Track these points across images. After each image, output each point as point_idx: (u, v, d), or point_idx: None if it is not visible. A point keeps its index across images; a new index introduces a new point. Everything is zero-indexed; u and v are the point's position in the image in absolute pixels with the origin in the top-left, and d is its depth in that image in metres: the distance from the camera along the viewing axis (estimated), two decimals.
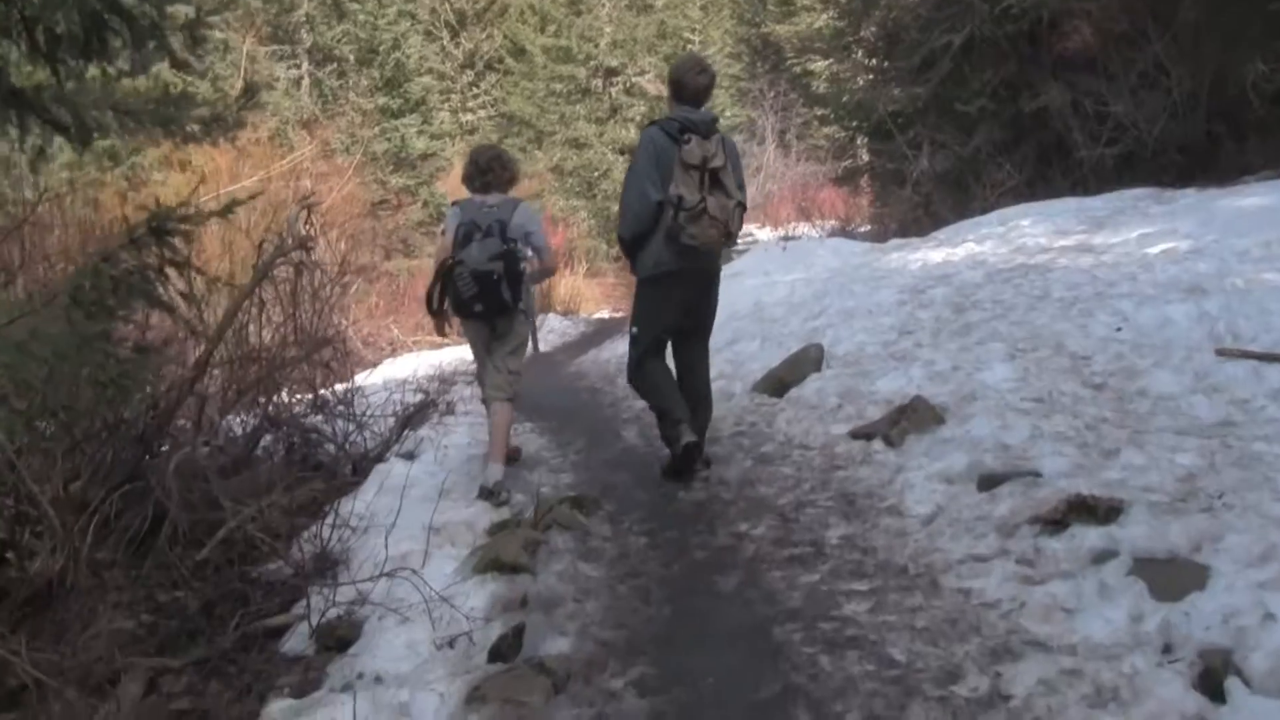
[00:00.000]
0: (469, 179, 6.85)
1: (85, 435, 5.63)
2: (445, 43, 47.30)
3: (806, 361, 8.25)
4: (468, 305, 6.50)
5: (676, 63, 6.69)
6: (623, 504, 6.12)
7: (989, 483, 5.15)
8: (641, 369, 6.68)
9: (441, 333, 7.05)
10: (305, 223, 7.07)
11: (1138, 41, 14.12)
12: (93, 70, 5.92)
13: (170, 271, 4.87)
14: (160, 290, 4.27)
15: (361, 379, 13.43)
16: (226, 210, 4.73)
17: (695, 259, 6.31)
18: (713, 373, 7.54)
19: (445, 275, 6.52)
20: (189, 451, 5.41)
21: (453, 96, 46.94)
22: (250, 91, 6.58)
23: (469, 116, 47.19)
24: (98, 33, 4.35)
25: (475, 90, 47.82)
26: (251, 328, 7.10)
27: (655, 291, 6.56)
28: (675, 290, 6.47)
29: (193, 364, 6.38)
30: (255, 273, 6.52)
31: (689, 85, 6.40)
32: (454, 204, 6.89)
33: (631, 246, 6.51)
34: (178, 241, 4.21)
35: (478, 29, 48.05)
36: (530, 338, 7.26)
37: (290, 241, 6.55)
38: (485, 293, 6.44)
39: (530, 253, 6.79)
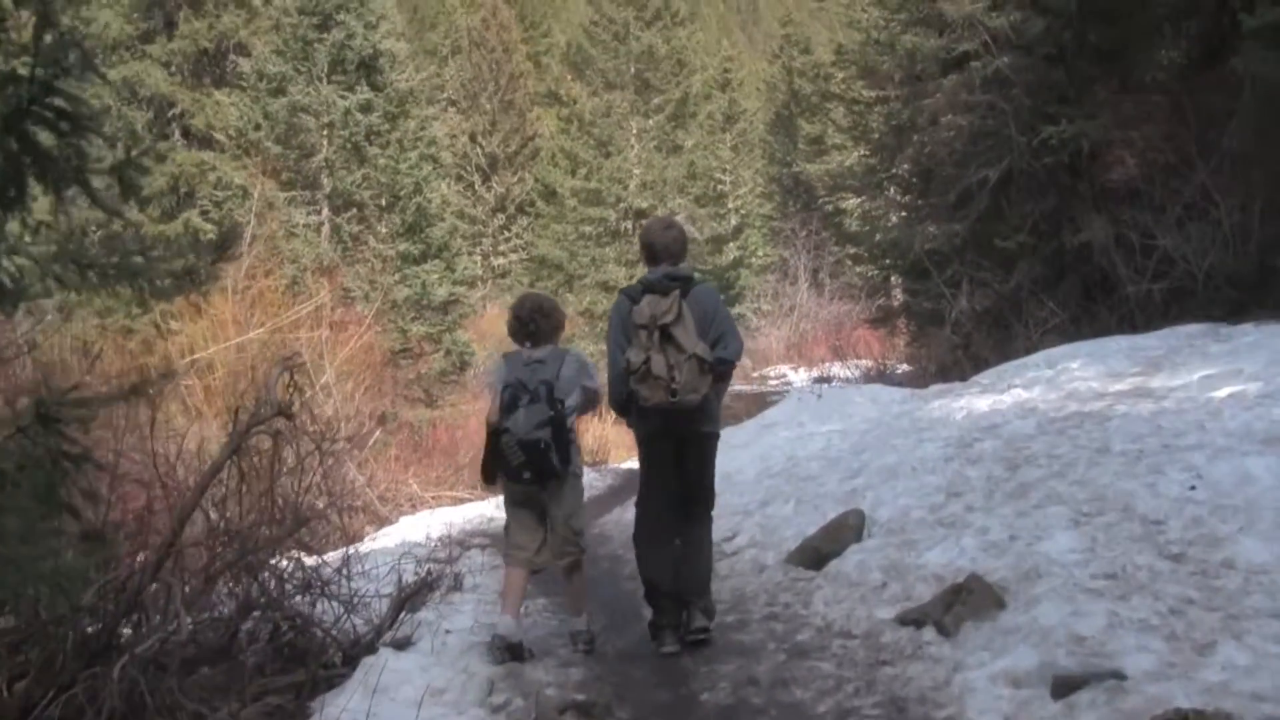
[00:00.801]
0: (513, 333, 6.75)
1: (34, 629, 5.07)
2: (477, 186, 47.53)
3: (845, 529, 7.49)
4: (516, 473, 6.42)
5: (645, 225, 6.86)
6: (639, 708, 5.36)
7: (1065, 687, 4.36)
8: (639, 532, 6.73)
9: (491, 482, 6.88)
10: (289, 385, 6.40)
11: (1183, 171, 13.62)
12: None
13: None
14: (60, 488, 3.62)
15: (371, 540, 12.82)
16: (133, 393, 4.13)
17: (661, 420, 6.24)
18: (743, 539, 7.71)
19: (492, 442, 6.47)
20: (130, 658, 4.71)
21: (484, 240, 47.05)
22: (225, 242, 5.99)
23: (500, 260, 47.24)
24: (16, 179, 3.75)
25: (507, 234, 47.94)
26: (230, 503, 6.43)
27: (641, 454, 6.66)
28: (654, 453, 6.51)
29: (157, 547, 5.70)
30: (225, 445, 5.86)
31: (656, 244, 6.43)
32: (503, 357, 6.79)
33: (621, 413, 6.58)
34: (73, 430, 3.57)
35: (509, 173, 48.31)
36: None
37: (267, 408, 5.87)
38: (532, 461, 6.36)
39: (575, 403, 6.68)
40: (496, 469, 6.53)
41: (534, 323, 6.63)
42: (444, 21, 56.55)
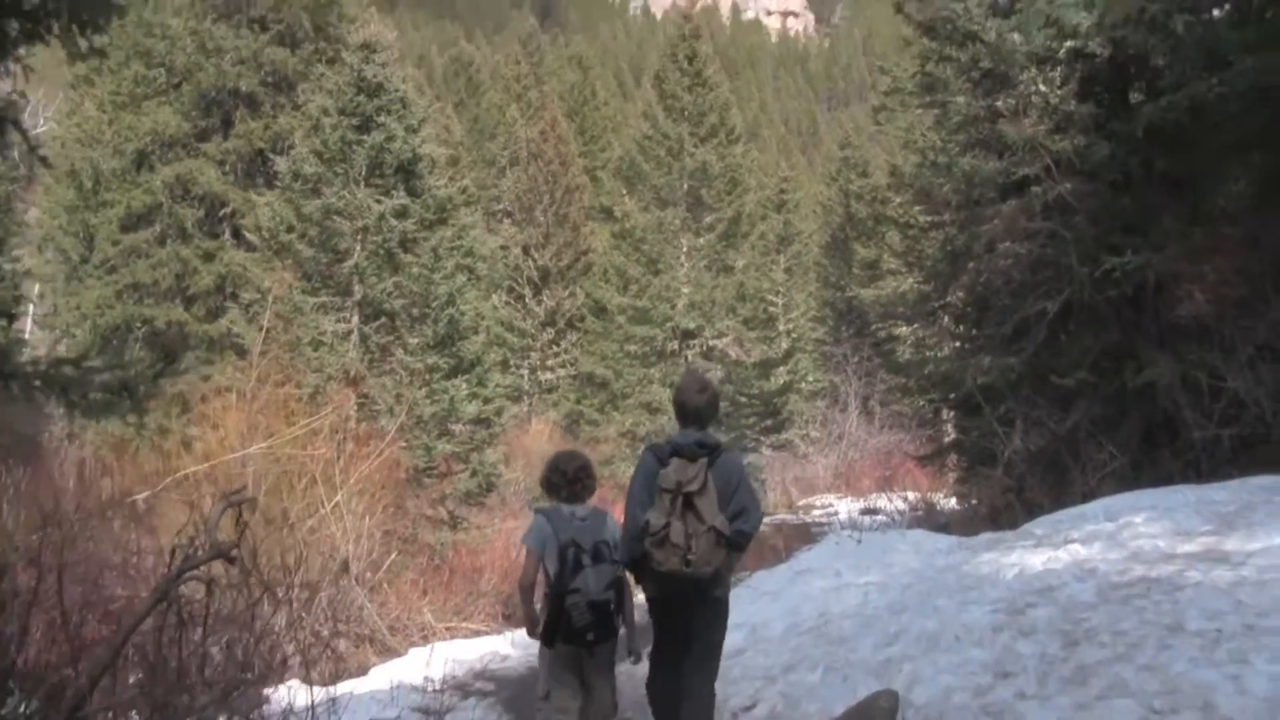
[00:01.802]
0: (554, 488, 6.80)
1: None
2: (528, 300, 47.37)
3: (876, 712, 6.58)
4: (580, 635, 6.46)
5: (679, 383, 6.93)
6: None
7: None
8: (650, 686, 6.80)
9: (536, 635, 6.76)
10: (238, 523, 5.60)
11: (1256, 308, 12.83)
12: None
13: None
14: None
15: (375, 674, 12.07)
16: None
17: (673, 584, 6.26)
18: (763, 710, 7.42)
19: (556, 604, 6.44)
20: None
21: (532, 354, 46.78)
22: (169, 357, 5.24)
23: (548, 375, 46.86)
24: None
25: (555, 349, 47.62)
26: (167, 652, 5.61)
27: (652, 613, 6.65)
28: (663, 615, 6.56)
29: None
30: (153, 593, 5.06)
31: (688, 405, 6.58)
32: (538, 512, 6.81)
33: (632, 569, 6.52)
34: None
35: (560, 287, 48.12)
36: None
37: (204, 550, 5.07)
38: (599, 622, 6.46)
39: None
40: (559, 631, 6.46)
41: (580, 482, 6.74)
42: (504, 132, 56.86)
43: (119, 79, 29.47)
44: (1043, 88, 14.63)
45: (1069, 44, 14.30)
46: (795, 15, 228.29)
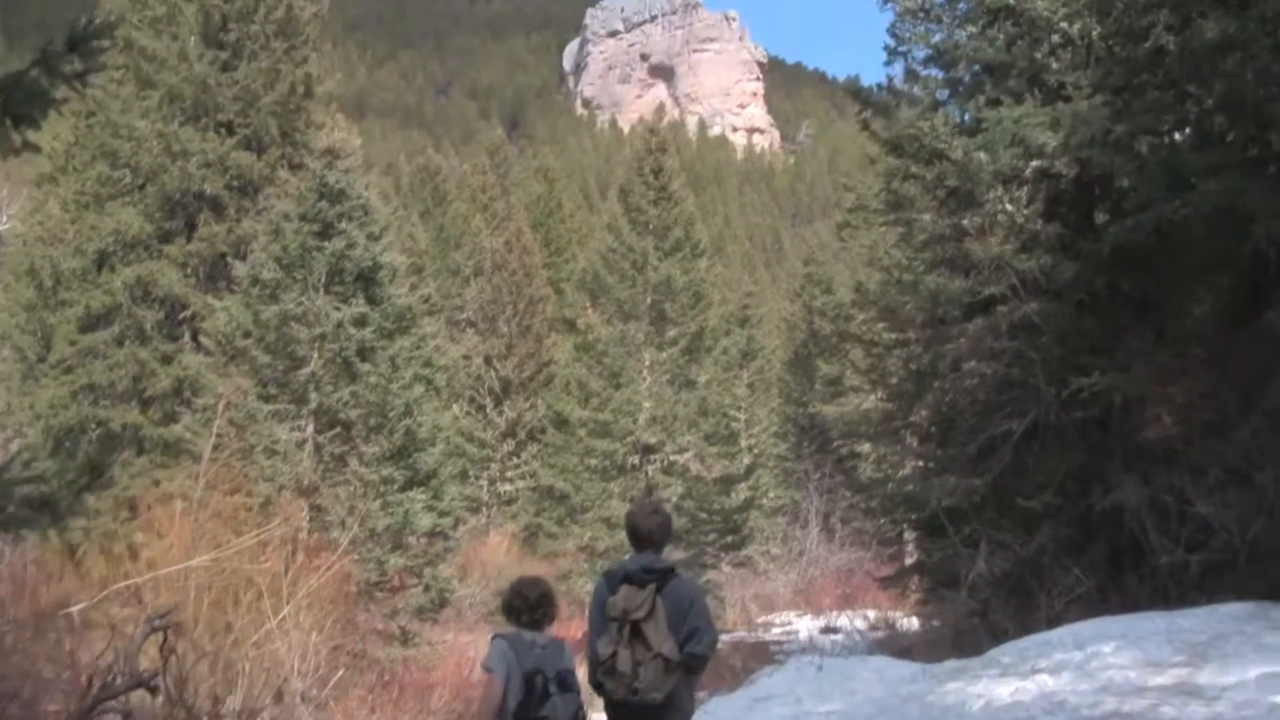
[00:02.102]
0: (515, 614, 6.69)
1: None
2: (489, 411, 47.05)
3: None
4: None
5: (631, 507, 6.96)
6: None
7: None
8: None
9: None
10: (162, 648, 5.25)
11: (1223, 430, 12.76)
12: None
13: None
14: None
15: None
16: None
17: (625, 712, 6.25)
18: None
19: None
20: None
21: (492, 466, 46.35)
22: (95, 470, 4.99)
23: (507, 487, 46.40)
24: None
25: (515, 461, 47.20)
26: None
27: None
28: None
29: None
30: None
31: (640, 529, 6.55)
32: (497, 637, 6.63)
33: (598, 693, 6.43)
34: None
35: (521, 398, 47.85)
36: None
37: (124, 678, 4.72)
38: None
39: None
40: None
41: (542, 609, 6.65)
42: (469, 242, 56.80)
43: (83, 178, 29.27)
44: (1009, 207, 14.61)
45: (1035, 163, 14.34)
46: (761, 132, 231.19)
